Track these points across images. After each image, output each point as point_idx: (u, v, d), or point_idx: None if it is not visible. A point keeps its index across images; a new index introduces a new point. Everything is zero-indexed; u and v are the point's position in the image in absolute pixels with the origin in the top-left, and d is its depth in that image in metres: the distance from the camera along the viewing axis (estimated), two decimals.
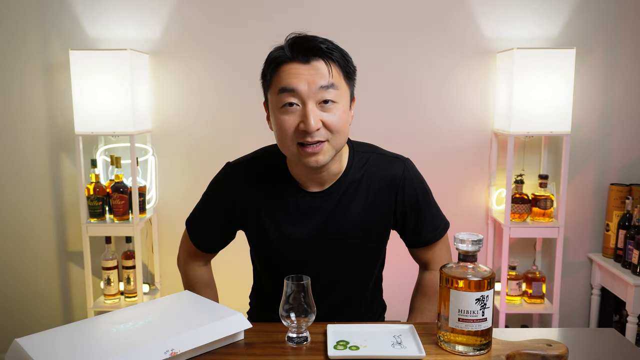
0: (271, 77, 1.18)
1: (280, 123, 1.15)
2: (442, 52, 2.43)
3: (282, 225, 1.28)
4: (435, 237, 1.36)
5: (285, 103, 1.14)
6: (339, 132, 1.16)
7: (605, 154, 2.51)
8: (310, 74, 1.12)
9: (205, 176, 2.52)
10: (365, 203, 1.28)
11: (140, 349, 0.96)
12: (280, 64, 1.15)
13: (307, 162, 1.16)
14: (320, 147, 1.15)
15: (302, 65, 1.13)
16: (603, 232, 2.53)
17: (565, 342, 1.06)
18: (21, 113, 2.46)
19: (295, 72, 1.13)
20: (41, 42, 2.40)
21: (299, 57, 1.13)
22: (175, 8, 2.39)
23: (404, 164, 1.31)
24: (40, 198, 2.51)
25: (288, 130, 1.14)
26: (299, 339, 1.10)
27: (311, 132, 1.12)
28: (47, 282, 2.58)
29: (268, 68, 1.19)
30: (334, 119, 1.14)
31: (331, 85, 1.13)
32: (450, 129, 2.49)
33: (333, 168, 1.24)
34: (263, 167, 1.30)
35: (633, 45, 2.43)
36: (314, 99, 1.13)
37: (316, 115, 1.12)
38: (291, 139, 1.15)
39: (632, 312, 2.22)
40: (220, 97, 2.46)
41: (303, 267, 1.28)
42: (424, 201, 1.33)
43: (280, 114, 1.15)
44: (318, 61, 1.13)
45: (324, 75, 1.13)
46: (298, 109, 1.14)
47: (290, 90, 1.13)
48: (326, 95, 1.13)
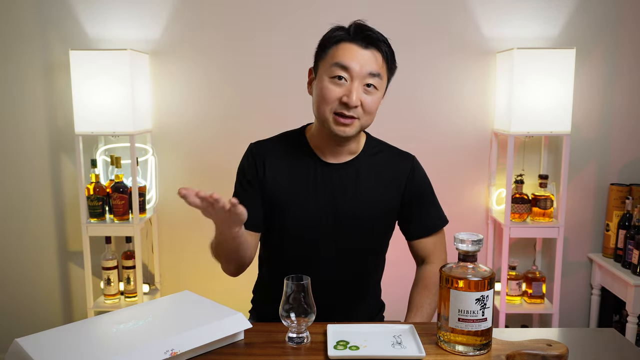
0: (329, 50, 1.29)
1: (325, 90, 1.27)
2: (442, 52, 2.43)
3: (301, 193, 1.35)
4: (438, 225, 1.45)
5: (336, 75, 1.26)
6: (370, 114, 1.30)
7: (605, 154, 2.51)
8: (364, 58, 1.26)
9: (205, 176, 2.55)
10: (376, 187, 1.38)
11: (140, 349, 0.96)
12: (341, 41, 1.27)
13: (337, 130, 1.28)
14: (351, 122, 1.28)
15: (360, 48, 1.26)
16: (603, 232, 2.53)
17: (565, 342, 1.06)
18: (21, 113, 2.46)
19: (353, 52, 1.26)
20: (41, 42, 2.40)
21: (359, 41, 1.26)
22: (175, 8, 2.39)
23: (412, 159, 1.45)
24: (40, 198, 2.51)
25: (331, 99, 1.27)
26: (299, 339, 1.10)
27: (351, 106, 1.25)
28: (47, 282, 2.58)
29: (328, 41, 1.30)
30: (370, 102, 1.28)
31: (377, 74, 1.27)
32: (450, 129, 2.49)
33: (352, 146, 1.37)
34: (284, 143, 1.42)
35: (633, 45, 2.43)
36: (361, 80, 1.26)
37: (359, 94, 1.26)
38: (331, 107, 1.27)
39: (632, 312, 2.23)
40: (220, 97, 2.46)
41: (314, 238, 1.35)
42: (429, 193, 1.46)
43: (329, 83, 1.27)
44: (374, 50, 1.27)
45: (376, 63, 1.27)
46: (345, 84, 1.26)
47: (344, 67, 1.25)
48: (371, 80, 1.27)
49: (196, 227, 2.52)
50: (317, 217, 1.35)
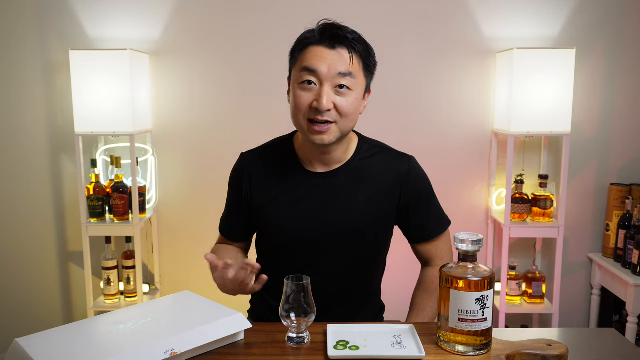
0: (298, 55, 1.27)
1: (296, 98, 1.24)
2: (442, 52, 2.43)
3: (290, 205, 1.33)
4: (438, 230, 1.41)
5: (304, 80, 1.23)
6: (348, 116, 1.24)
7: (605, 154, 2.51)
8: (332, 59, 1.21)
9: (205, 176, 2.55)
10: (369, 193, 1.33)
11: (140, 349, 0.96)
12: (308, 45, 1.25)
13: (314, 139, 1.24)
14: (327, 127, 1.23)
15: (327, 49, 1.22)
16: (603, 232, 2.53)
17: (565, 342, 1.06)
18: (21, 113, 2.46)
19: (320, 54, 1.22)
20: (41, 42, 2.40)
21: (325, 42, 1.23)
22: (175, 8, 2.39)
23: (409, 160, 1.38)
24: (40, 198, 2.51)
25: (302, 105, 1.23)
26: (299, 339, 1.10)
27: (322, 111, 1.21)
28: (47, 282, 2.58)
29: (297, 46, 1.28)
30: (345, 103, 1.23)
31: (349, 74, 1.22)
32: (450, 129, 2.49)
33: (338, 153, 1.32)
34: (272, 153, 1.40)
35: (633, 45, 2.43)
36: (331, 82, 1.22)
37: (329, 97, 1.21)
38: (303, 114, 1.24)
39: (632, 312, 2.23)
40: (220, 97, 2.46)
41: (308, 252, 1.34)
42: (428, 196, 1.40)
43: (298, 89, 1.24)
44: (342, 49, 1.22)
45: (344, 62, 1.22)
46: (315, 88, 1.22)
47: (312, 70, 1.22)
48: (342, 81, 1.22)
49: (196, 228, 2.52)
50: (308, 229, 1.32)
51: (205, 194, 2.50)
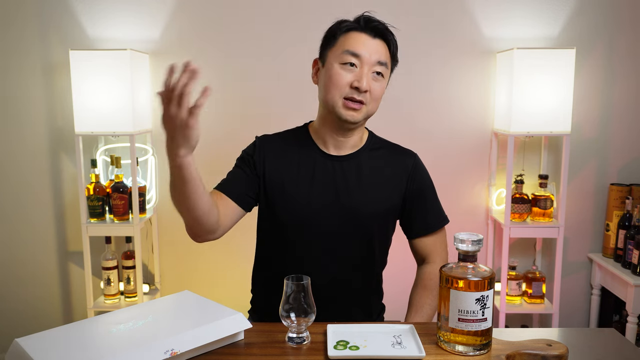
0: (340, 37, 1.34)
1: (337, 76, 1.31)
2: (442, 52, 2.43)
3: (302, 184, 1.37)
4: (439, 224, 1.47)
5: (347, 62, 1.31)
6: (376, 101, 1.34)
7: (605, 154, 2.51)
8: (373, 47, 1.32)
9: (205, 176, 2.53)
10: (378, 182, 1.40)
11: (140, 349, 0.96)
12: (351, 30, 1.34)
13: (346, 114, 1.31)
14: (359, 106, 1.32)
15: (369, 37, 1.33)
16: (603, 232, 2.53)
17: (565, 342, 1.06)
18: (21, 113, 2.46)
19: (363, 40, 1.32)
20: (41, 42, 2.40)
21: (368, 31, 1.33)
22: (175, 8, 2.39)
23: (414, 156, 1.47)
24: (40, 198, 2.51)
25: (341, 83, 1.31)
26: (299, 339, 1.10)
27: (362, 90, 1.30)
28: (47, 282, 2.58)
29: (339, 30, 1.35)
30: (378, 88, 1.33)
31: (384, 63, 1.34)
32: (450, 128, 2.49)
33: (354, 139, 1.40)
34: (288, 137, 1.45)
35: (633, 45, 2.43)
36: (370, 67, 1.31)
37: (369, 80, 1.31)
38: (340, 91, 1.31)
39: (632, 312, 2.22)
40: (220, 97, 2.46)
41: (315, 231, 1.36)
42: (430, 191, 1.48)
43: (340, 68, 1.31)
44: (382, 40, 1.34)
45: (383, 52, 1.34)
46: (356, 70, 1.31)
47: (355, 54, 1.30)
48: (379, 68, 1.33)
49: None
50: (318, 207, 1.36)
51: None
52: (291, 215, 1.37)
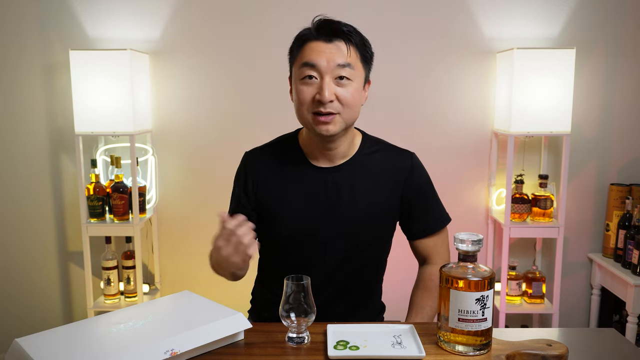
0: (297, 52, 1.30)
1: (299, 93, 1.28)
2: (442, 52, 2.43)
3: (296, 197, 1.35)
4: (439, 225, 1.43)
5: (305, 76, 1.26)
6: (350, 106, 1.27)
7: (605, 154, 2.51)
8: (330, 52, 1.25)
9: (205, 176, 2.55)
10: (374, 188, 1.36)
11: (140, 349, 0.96)
12: (306, 41, 1.28)
13: (319, 129, 1.27)
14: (331, 118, 1.26)
15: (324, 43, 1.26)
16: (603, 232, 2.53)
17: (565, 342, 1.06)
18: (21, 113, 2.46)
19: (318, 49, 1.25)
20: (41, 42, 2.40)
21: (322, 37, 1.26)
22: (175, 8, 2.39)
23: (411, 156, 1.42)
24: (41, 198, 2.51)
25: (305, 100, 1.26)
26: (299, 339, 1.10)
27: (325, 102, 1.24)
28: (47, 282, 2.58)
29: (295, 44, 1.31)
30: (346, 94, 1.26)
31: (348, 65, 1.25)
32: (450, 129, 2.49)
33: (343, 148, 1.35)
34: (277, 150, 1.42)
35: (633, 45, 2.43)
36: (331, 75, 1.25)
37: (331, 89, 1.24)
38: (307, 108, 1.27)
39: (632, 312, 2.22)
40: (220, 97, 2.46)
41: (311, 246, 1.35)
42: (430, 191, 1.44)
43: (300, 85, 1.27)
44: (339, 41, 1.26)
45: (342, 54, 1.25)
46: (316, 82, 1.26)
47: (311, 65, 1.25)
48: (342, 72, 1.25)
49: (196, 227, 2.52)
50: (313, 224, 1.34)
51: (205, 193, 2.50)
52: (285, 232, 1.36)
